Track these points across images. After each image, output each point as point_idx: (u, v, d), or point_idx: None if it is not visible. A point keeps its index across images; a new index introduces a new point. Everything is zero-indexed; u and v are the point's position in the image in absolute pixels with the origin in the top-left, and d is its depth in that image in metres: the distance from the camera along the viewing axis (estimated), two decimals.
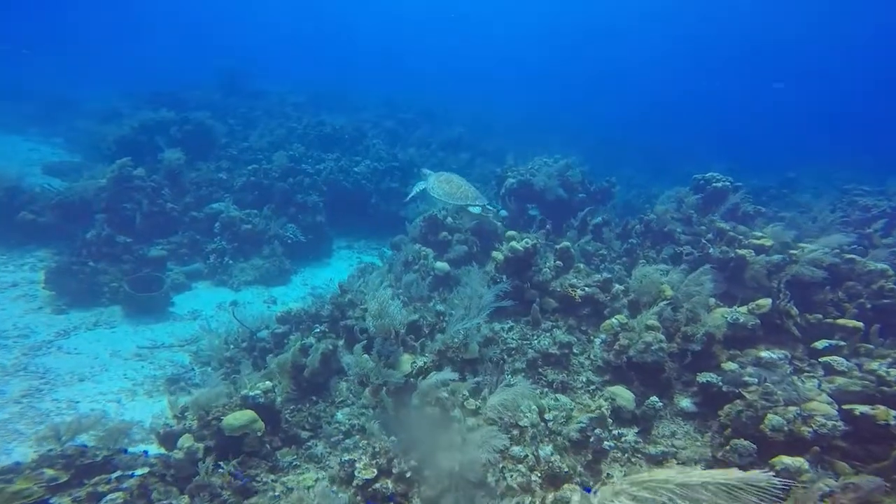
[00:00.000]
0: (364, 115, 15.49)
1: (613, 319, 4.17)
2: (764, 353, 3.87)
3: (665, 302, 4.20)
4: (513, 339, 4.44)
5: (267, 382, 4.03)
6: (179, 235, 8.28)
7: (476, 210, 5.85)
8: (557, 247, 5.03)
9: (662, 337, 3.90)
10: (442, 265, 6.54)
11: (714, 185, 6.71)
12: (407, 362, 4.03)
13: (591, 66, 39.98)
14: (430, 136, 14.09)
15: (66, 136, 13.97)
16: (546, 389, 4.01)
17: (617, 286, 4.62)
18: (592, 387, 4.01)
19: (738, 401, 3.41)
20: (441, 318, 5.18)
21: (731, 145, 19.90)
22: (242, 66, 19.94)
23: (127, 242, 7.73)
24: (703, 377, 3.73)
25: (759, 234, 5.32)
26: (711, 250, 5.08)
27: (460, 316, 4.35)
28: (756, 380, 3.55)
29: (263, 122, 13.97)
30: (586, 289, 4.63)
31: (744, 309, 4.23)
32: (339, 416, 4.08)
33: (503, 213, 7.87)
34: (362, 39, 44.51)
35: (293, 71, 24.58)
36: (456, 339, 4.09)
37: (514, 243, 4.74)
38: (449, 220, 6.94)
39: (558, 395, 3.88)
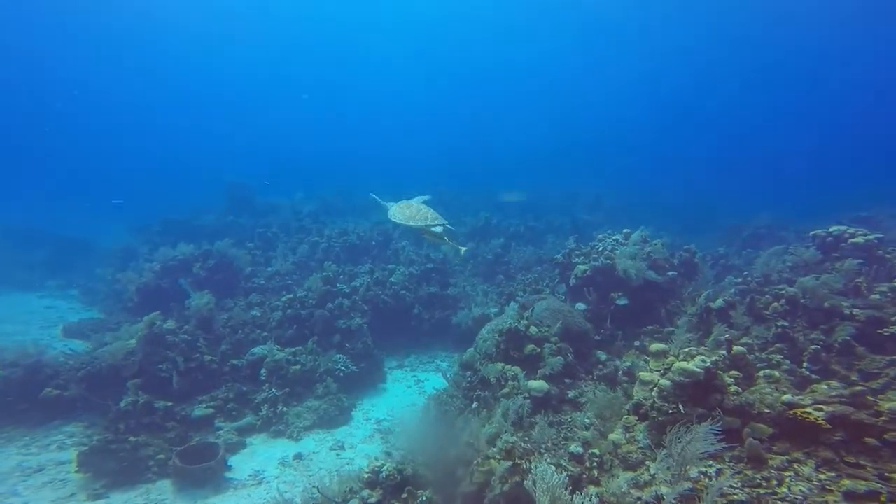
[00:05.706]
0: (379, 217, 15.19)
1: None
2: None
3: None
4: (733, 488, 3.27)
5: None
6: (223, 389, 7.40)
7: (438, 230, 5.47)
8: (730, 354, 4.19)
9: None
10: (539, 384, 5.68)
11: (853, 241, 5.79)
12: None
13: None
14: (455, 226, 13.73)
15: (82, 286, 13.44)
16: None
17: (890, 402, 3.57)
18: None
19: None
20: (583, 464, 4.24)
21: (753, 191, 19.46)
22: (245, 180, 20.01)
23: (167, 406, 6.85)
24: None
25: None
26: None
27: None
28: None
29: (282, 240, 13.58)
30: (824, 407, 3.53)
31: None
32: None
33: (580, 306, 7.12)
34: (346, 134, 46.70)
35: (293, 178, 24.98)
36: None
37: (684, 364, 3.84)
38: (532, 329, 6.18)
39: None
